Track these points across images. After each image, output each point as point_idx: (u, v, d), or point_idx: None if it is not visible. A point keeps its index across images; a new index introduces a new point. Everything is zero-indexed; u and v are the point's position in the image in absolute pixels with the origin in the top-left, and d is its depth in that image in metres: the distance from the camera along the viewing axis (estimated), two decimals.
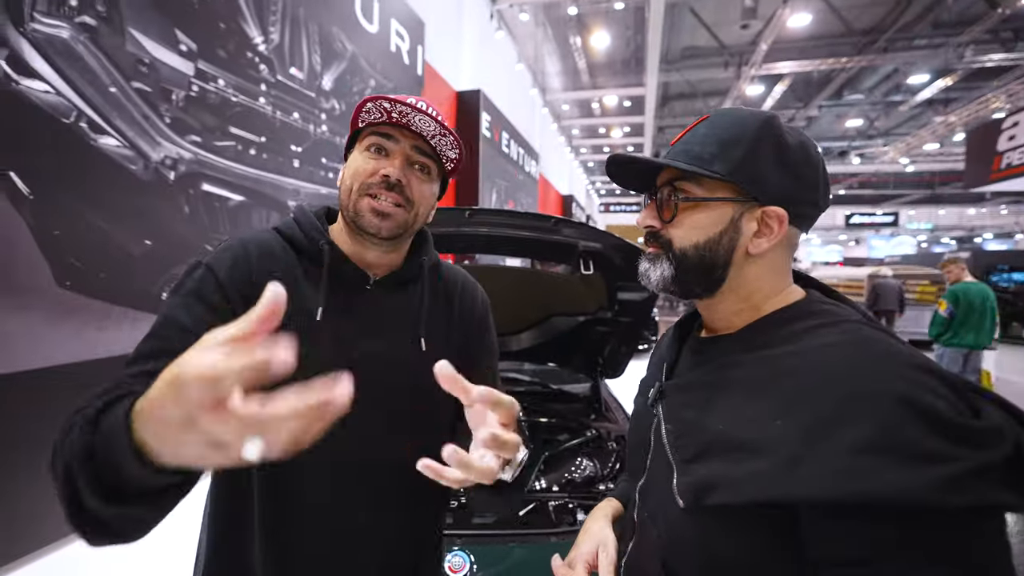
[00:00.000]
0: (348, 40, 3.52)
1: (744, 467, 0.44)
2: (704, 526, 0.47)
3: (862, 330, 0.47)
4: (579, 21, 8.96)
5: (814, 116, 13.84)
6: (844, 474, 0.38)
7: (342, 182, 0.71)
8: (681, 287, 0.55)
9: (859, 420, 0.40)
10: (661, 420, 0.56)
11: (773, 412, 0.44)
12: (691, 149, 0.53)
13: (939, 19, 9.06)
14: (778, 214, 0.52)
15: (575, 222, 1.40)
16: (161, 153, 2.25)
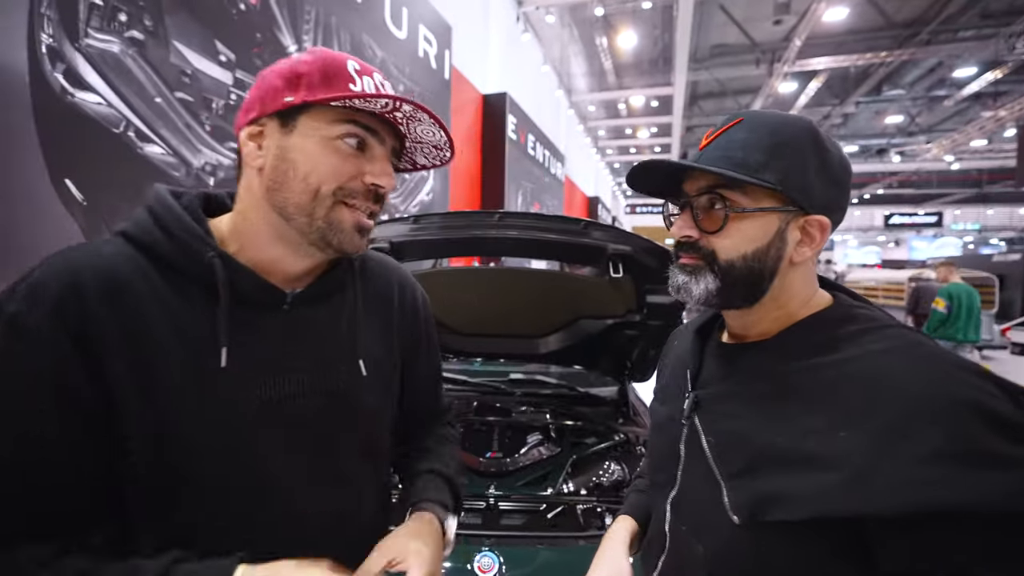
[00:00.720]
0: (378, 46, 3.59)
1: (808, 481, 0.43)
2: (760, 541, 0.46)
3: (907, 335, 0.46)
4: (605, 21, 8.90)
5: (851, 113, 13.38)
6: (921, 485, 0.38)
7: (287, 173, 0.51)
8: (724, 299, 0.53)
9: (929, 429, 0.39)
10: (700, 432, 0.55)
11: (835, 423, 0.43)
12: (733, 155, 0.50)
13: (988, 9, 8.64)
14: (821, 223, 0.51)
15: (604, 224, 1.39)
16: (202, 160, 2.34)
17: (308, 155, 0.51)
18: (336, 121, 0.51)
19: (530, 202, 7.18)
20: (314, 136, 0.51)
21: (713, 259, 0.52)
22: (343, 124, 0.51)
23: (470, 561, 1.16)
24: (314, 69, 0.51)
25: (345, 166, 0.52)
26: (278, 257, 0.55)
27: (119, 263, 0.48)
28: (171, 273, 0.50)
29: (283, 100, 0.50)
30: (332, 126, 0.51)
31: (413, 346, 0.71)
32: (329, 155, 0.51)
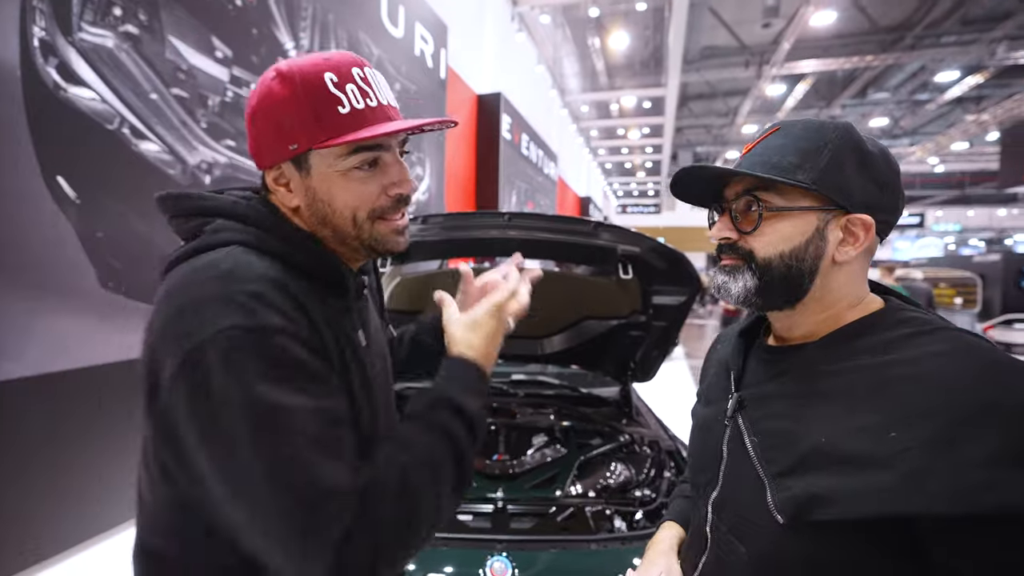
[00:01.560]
0: (375, 44, 3.56)
1: (859, 481, 0.43)
2: (806, 541, 0.46)
3: (964, 337, 0.46)
4: (598, 22, 8.93)
5: (837, 115, 13.58)
6: (981, 487, 0.38)
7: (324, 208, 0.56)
8: (765, 298, 0.54)
9: (989, 431, 0.39)
10: (743, 432, 0.55)
11: (886, 423, 0.43)
12: (769, 159, 0.52)
13: (969, 15, 8.83)
14: (864, 222, 0.51)
15: (613, 226, 1.39)
16: (198, 157, 2.30)
17: (333, 192, 0.56)
18: (343, 154, 0.55)
19: (524, 202, 7.17)
20: (329, 173, 0.55)
21: (751, 258, 0.54)
22: (351, 156, 0.55)
23: (483, 566, 1.15)
24: (300, 109, 0.52)
25: (367, 189, 0.57)
26: (347, 255, 0.62)
27: (272, 269, 0.51)
28: (299, 275, 0.54)
29: (288, 148, 0.54)
30: (341, 160, 0.55)
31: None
32: (351, 186, 0.56)
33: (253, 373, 0.44)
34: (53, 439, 1.79)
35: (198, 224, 0.56)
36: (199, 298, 0.46)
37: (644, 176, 21.04)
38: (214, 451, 0.45)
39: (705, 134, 17.26)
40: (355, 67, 0.55)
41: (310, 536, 0.43)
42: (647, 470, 1.58)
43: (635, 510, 1.42)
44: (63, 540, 1.83)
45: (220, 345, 0.44)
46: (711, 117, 15.38)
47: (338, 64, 0.54)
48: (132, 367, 2.13)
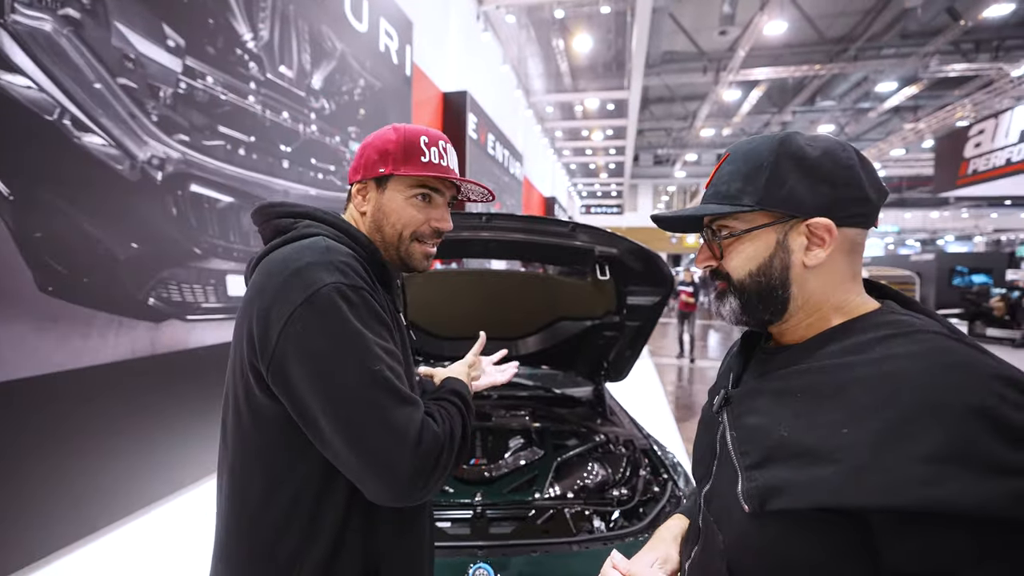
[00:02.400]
0: (338, 39, 3.45)
1: (807, 473, 0.45)
2: (770, 531, 0.48)
3: (939, 340, 0.46)
4: (561, 24, 9.00)
5: (788, 121, 14.24)
6: (915, 483, 0.39)
7: (384, 220, 0.76)
8: (751, 316, 0.57)
9: (930, 429, 0.40)
10: (726, 427, 0.57)
11: (841, 420, 0.45)
12: (720, 190, 0.57)
13: (906, 30, 9.43)
14: (824, 224, 0.51)
15: (590, 227, 1.39)
16: (148, 152, 2.16)
17: (394, 209, 0.76)
18: (412, 186, 0.76)
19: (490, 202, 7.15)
20: (398, 195, 0.76)
21: (730, 280, 0.58)
22: (416, 188, 0.76)
23: (465, 573, 1.12)
24: (398, 148, 0.75)
25: (418, 215, 0.76)
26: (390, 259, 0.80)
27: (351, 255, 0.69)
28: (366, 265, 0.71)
29: (378, 171, 0.75)
30: (409, 189, 0.76)
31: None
32: (408, 209, 0.76)
33: (351, 315, 0.62)
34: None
35: (288, 224, 0.73)
36: (311, 263, 0.63)
37: (607, 177, 21.40)
38: (321, 371, 0.59)
39: (665, 136, 17.73)
40: (442, 140, 0.77)
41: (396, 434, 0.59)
42: (623, 469, 1.60)
43: (613, 510, 1.43)
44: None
45: (329, 294, 0.61)
46: (671, 120, 15.81)
47: (433, 135, 0.77)
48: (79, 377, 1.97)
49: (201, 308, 2.44)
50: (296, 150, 3.08)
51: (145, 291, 2.16)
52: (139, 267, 2.13)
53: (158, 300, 2.21)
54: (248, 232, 2.68)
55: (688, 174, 21.89)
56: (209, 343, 2.48)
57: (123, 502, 2.09)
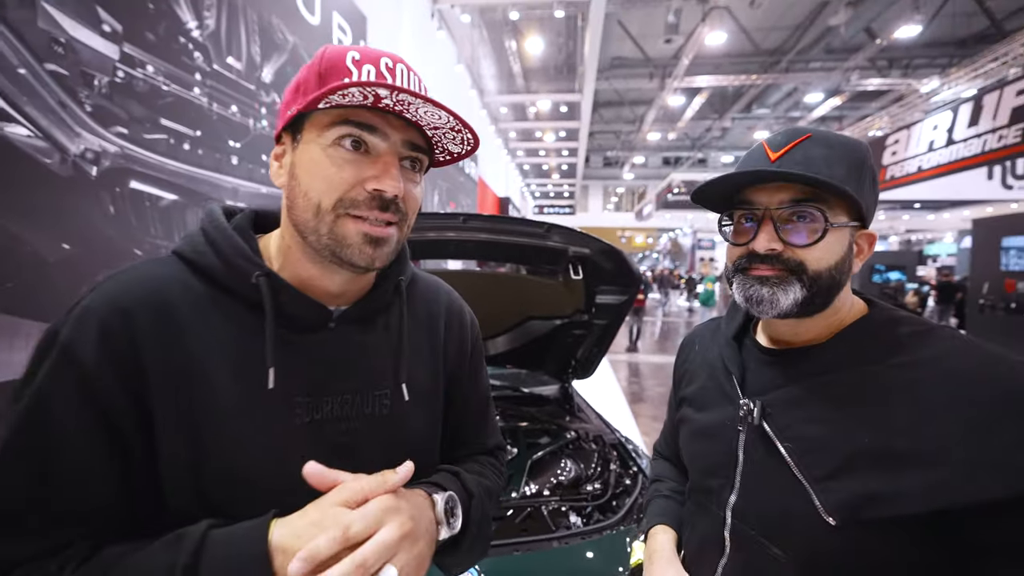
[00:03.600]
0: (289, 31, 3.31)
1: (914, 478, 0.45)
2: (855, 539, 0.48)
3: (959, 335, 0.50)
4: (514, 26, 9.06)
5: (728, 127, 15.04)
6: (1020, 472, 0.41)
7: (295, 190, 0.49)
8: (804, 308, 0.53)
9: (1014, 419, 0.43)
10: (774, 438, 0.54)
11: (921, 422, 0.46)
12: (819, 170, 0.51)
13: (830, 45, 10.21)
14: (870, 237, 0.55)
15: (564, 227, 1.42)
16: (81, 145, 1.98)
17: (307, 168, 0.48)
18: (329, 124, 0.48)
19: (446, 201, 7.08)
20: (312, 146, 0.48)
21: (801, 270, 0.52)
22: (334, 127, 0.47)
23: None
24: (311, 72, 0.49)
25: (342, 174, 0.48)
26: (314, 274, 0.52)
27: (170, 286, 0.48)
28: (221, 293, 0.49)
29: (288, 113, 0.50)
30: (325, 131, 0.48)
31: (458, 373, 0.66)
32: (325, 166, 0.48)
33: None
34: None
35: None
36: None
37: (559, 178, 21.75)
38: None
39: (614, 139, 18.26)
40: (386, 57, 0.49)
41: None
42: (595, 465, 1.64)
43: (588, 505, 1.46)
44: None
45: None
46: (620, 124, 16.30)
47: (370, 50, 0.50)
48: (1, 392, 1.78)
49: None
50: (246, 146, 2.93)
51: (77, 296, 1.98)
52: (71, 270, 1.96)
53: None
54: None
55: (636, 176, 22.63)
56: None
57: None
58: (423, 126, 0.51)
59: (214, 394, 0.47)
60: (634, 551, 1.27)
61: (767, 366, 0.59)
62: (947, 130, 7.09)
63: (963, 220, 14.44)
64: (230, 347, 0.48)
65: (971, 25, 9.02)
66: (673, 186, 15.45)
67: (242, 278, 0.49)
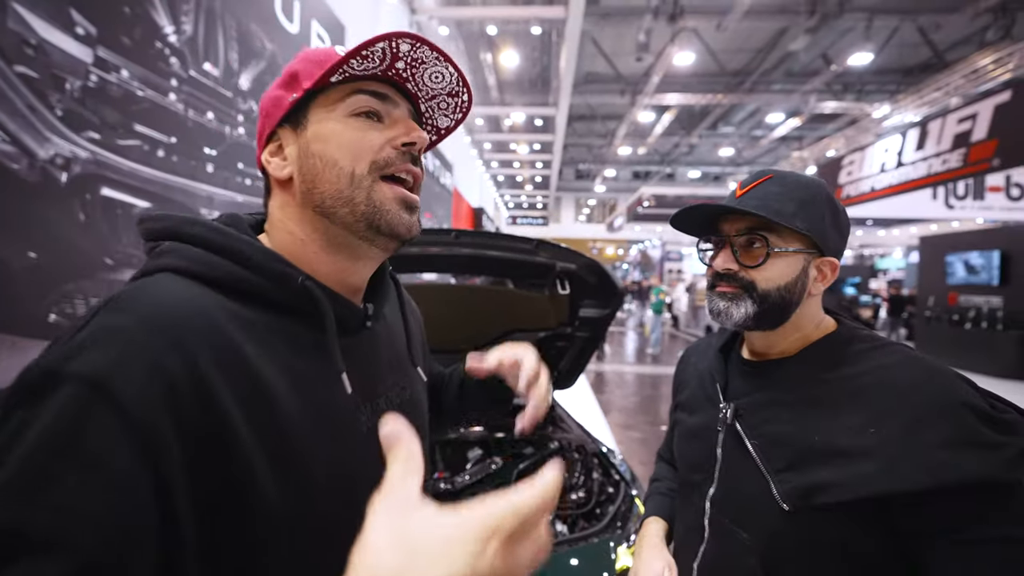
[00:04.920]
0: (268, 39, 3.28)
1: (850, 470, 0.53)
2: (804, 524, 0.55)
3: (907, 351, 0.59)
4: (489, 39, 9.19)
5: (695, 144, 15.55)
6: (939, 466, 0.49)
7: (317, 167, 0.47)
8: (759, 322, 0.63)
9: (940, 423, 0.51)
10: (743, 436, 0.63)
11: (864, 423, 0.54)
12: (771, 204, 0.61)
13: (791, 69, 10.75)
14: (832, 264, 0.63)
15: (551, 243, 1.46)
16: (51, 151, 1.92)
17: (329, 141, 0.47)
18: (341, 98, 0.48)
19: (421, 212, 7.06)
20: (327, 122, 0.48)
21: (752, 288, 0.63)
22: (349, 97, 0.48)
23: None
24: (306, 62, 0.49)
25: (369, 137, 0.48)
26: (332, 271, 0.50)
27: (209, 305, 0.39)
28: (255, 307, 0.43)
29: (287, 102, 0.49)
30: (339, 104, 0.48)
31: (426, 352, 0.72)
32: (351, 133, 0.47)
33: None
34: None
35: (149, 250, 0.46)
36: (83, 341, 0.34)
37: (533, 189, 21.98)
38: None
39: (587, 152, 18.60)
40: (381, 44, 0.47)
41: None
42: (578, 474, 1.67)
43: (572, 513, 1.50)
44: None
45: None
46: (592, 137, 16.62)
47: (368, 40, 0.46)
48: None
49: None
50: (222, 153, 2.87)
51: (45, 306, 1.90)
52: (38, 279, 1.88)
53: (61, 316, 1.96)
54: None
55: (607, 189, 23.09)
56: None
57: None
58: (420, 98, 0.53)
59: (294, 420, 0.41)
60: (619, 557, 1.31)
61: (745, 375, 0.68)
62: (897, 153, 7.56)
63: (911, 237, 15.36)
64: (283, 364, 0.42)
65: (917, 55, 9.67)
66: (643, 199, 15.83)
67: (282, 284, 0.44)
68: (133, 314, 0.35)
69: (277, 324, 0.44)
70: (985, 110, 5.87)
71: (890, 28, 8.63)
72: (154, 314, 0.36)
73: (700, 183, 20.58)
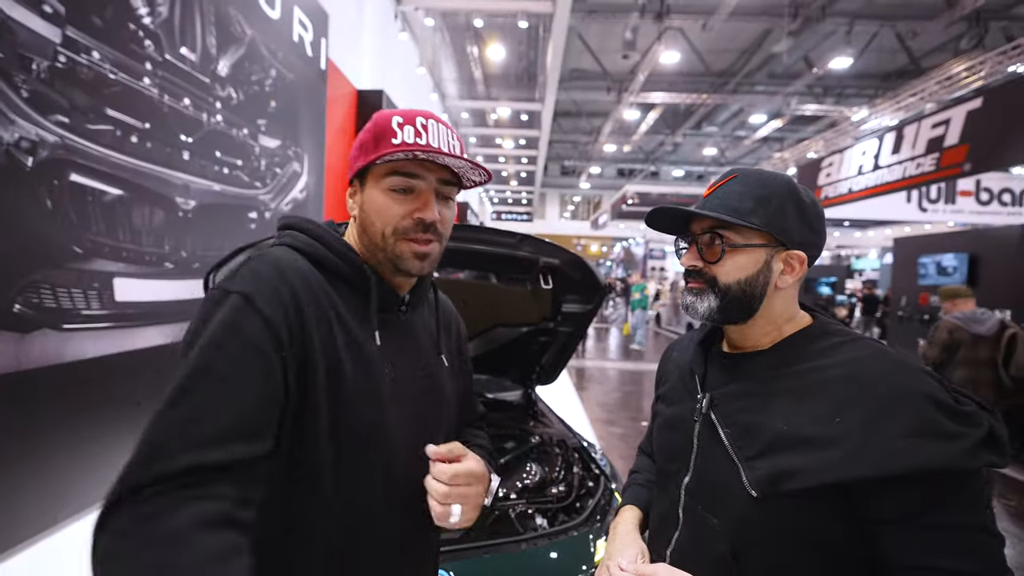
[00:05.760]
0: (247, 24, 3.19)
1: (815, 457, 0.55)
2: (771, 510, 0.57)
3: (874, 345, 0.60)
4: (476, 32, 9.11)
5: (679, 143, 15.71)
6: (900, 454, 0.51)
7: (366, 220, 0.68)
8: (724, 315, 0.65)
9: (902, 413, 0.53)
10: (717, 424, 0.65)
11: (830, 412, 0.56)
12: (729, 203, 0.64)
13: (773, 71, 10.91)
14: (800, 257, 0.64)
15: (535, 238, 1.46)
16: (16, 134, 1.84)
17: (372, 206, 0.68)
18: (385, 175, 0.67)
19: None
20: (373, 190, 0.68)
21: (714, 283, 0.65)
22: (388, 177, 0.67)
23: None
24: (369, 135, 0.68)
25: (396, 209, 0.67)
26: (382, 269, 0.71)
27: (302, 266, 0.64)
28: (332, 278, 0.66)
29: (355, 166, 0.70)
30: (383, 180, 0.67)
31: (462, 348, 0.89)
32: (385, 203, 0.67)
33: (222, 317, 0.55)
34: None
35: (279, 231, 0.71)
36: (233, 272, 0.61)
37: (518, 185, 21.94)
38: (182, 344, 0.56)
39: (572, 149, 18.65)
40: (421, 117, 0.67)
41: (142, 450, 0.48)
42: (559, 468, 1.68)
43: (553, 507, 1.50)
44: None
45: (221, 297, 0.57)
46: (577, 134, 16.67)
47: (409, 112, 0.68)
48: None
49: (81, 316, 2.11)
50: (199, 141, 2.79)
51: (9, 296, 1.83)
52: (4, 268, 1.80)
53: (26, 307, 1.88)
54: (142, 230, 2.38)
55: (592, 186, 23.21)
56: (91, 355, 2.16)
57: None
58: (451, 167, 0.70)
59: (338, 348, 0.62)
60: (598, 549, 1.32)
61: (722, 368, 0.70)
62: (874, 156, 7.74)
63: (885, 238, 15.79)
64: (344, 315, 0.65)
65: (895, 60, 9.90)
66: (627, 197, 15.95)
67: (353, 267, 0.68)
68: (266, 264, 0.61)
69: (344, 291, 0.67)
70: (958, 116, 6.03)
71: (870, 33, 8.82)
72: (276, 267, 0.61)
73: (684, 182, 20.82)
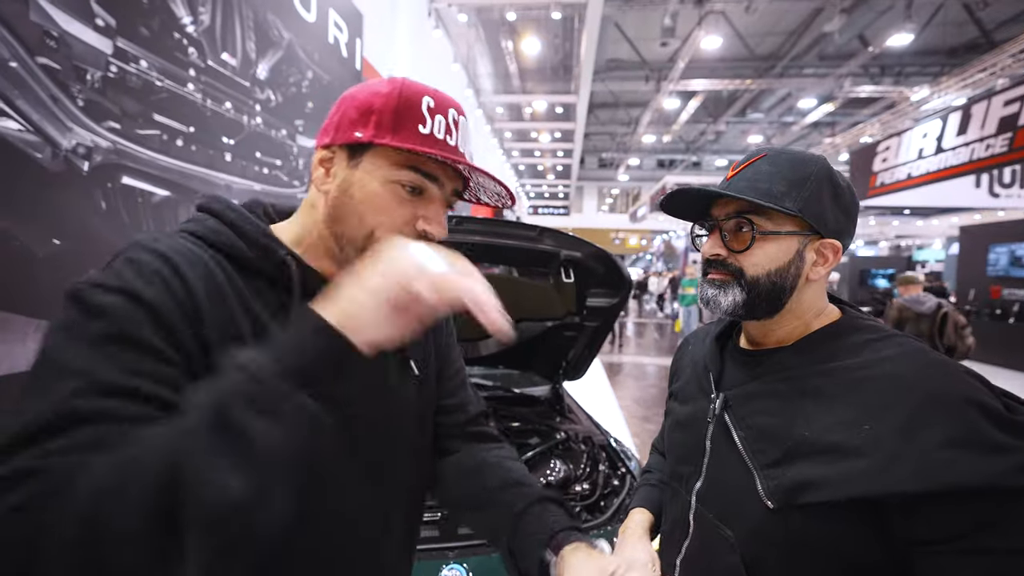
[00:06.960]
0: (285, 28, 3.30)
1: (840, 467, 0.49)
2: (790, 523, 0.51)
3: (911, 343, 0.53)
4: (510, 26, 9.07)
5: (722, 131, 15.13)
6: (937, 467, 0.44)
7: (346, 207, 0.53)
8: (749, 311, 0.59)
9: (940, 420, 0.46)
10: (731, 427, 0.59)
11: (858, 418, 0.50)
12: (760, 185, 0.57)
13: (824, 52, 10.29)
14: (834, 246, 0.58)
15: (556, 231, 1.43)
16: (73, 140, 1.97)
17: (367, 194, 0.52)
18: (398, 165, 0.52)
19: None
20: (376, 175, 0.52)
21: (741, 275, 0.58)
22: (404, 170, 0.52)
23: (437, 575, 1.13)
24: (387, 106, 0.52)
25: (400, 210, 0.53)
26: (333, 270, 0.57)
27: (199, 254, 0.50)
28: (242, 272, 0.52)
29: (353, 135, 0.52)
30: (393, 169, 0.52)
31: (450, 343, 0.76)
32: (386, 199, 0.52)
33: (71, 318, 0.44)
34: None
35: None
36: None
37: (554, 179, 21.78)
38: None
39: (609, 141, 18.30)
40: (453, 108, 0.55)
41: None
42: (584, 465, 1.65)
43: (576, 505, 1.48)
44: None
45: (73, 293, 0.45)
46: (615, 125, 16.34)
47: (442, 98, 0.54)
48: None
49: None
50: (240, 143, 2.92)
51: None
52: (61, 265, 1.94)
53: None
54: None
55: (631, 178, 22.72)
56: None
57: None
58: (470, 179, 0.59)
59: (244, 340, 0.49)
60: None
61: (740, 365, 0.64)
62: (936, 138, 7.18)
63: (951, 227, 14.64)
64: (256, 314, 0.51)
65: (962, 34, 9.13)
66: (667, 188, 15.52)
67: (269, 259, 0.53)
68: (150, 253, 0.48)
69: (258, 283, 0.53)
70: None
71: (933, 6, 8.15)
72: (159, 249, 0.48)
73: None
